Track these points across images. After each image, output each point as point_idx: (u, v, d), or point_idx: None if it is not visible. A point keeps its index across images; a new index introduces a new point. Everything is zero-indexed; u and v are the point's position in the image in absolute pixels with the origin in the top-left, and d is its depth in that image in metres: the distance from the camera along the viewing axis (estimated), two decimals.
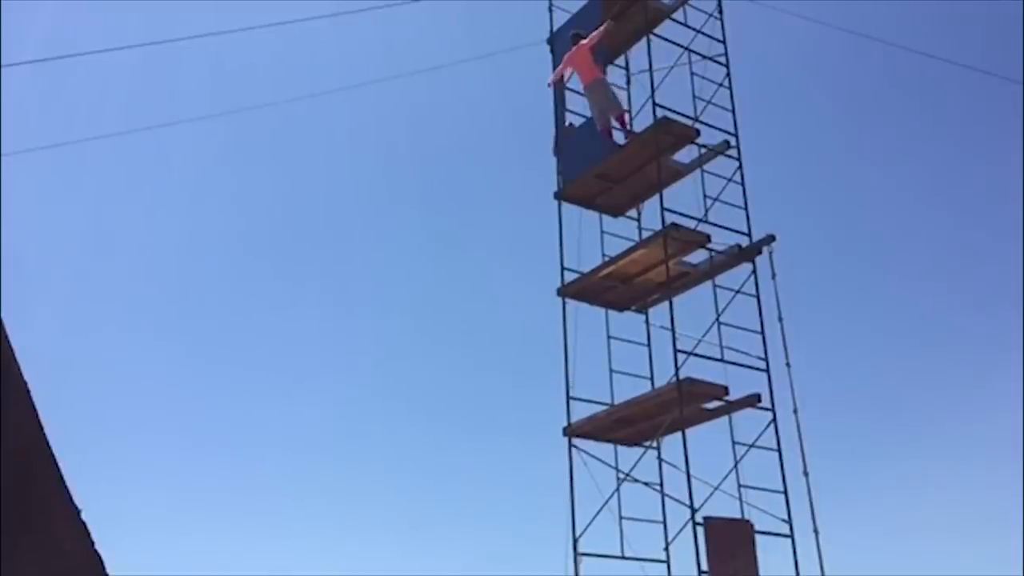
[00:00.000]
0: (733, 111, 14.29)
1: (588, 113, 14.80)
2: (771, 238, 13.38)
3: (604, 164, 14.08)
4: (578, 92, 15.24)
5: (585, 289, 14.29)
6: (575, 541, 12.82)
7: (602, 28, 13.19)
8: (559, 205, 14.70)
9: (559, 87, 13.62)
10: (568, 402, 13.68)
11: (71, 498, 4.67)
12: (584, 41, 12.85)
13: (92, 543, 4.61)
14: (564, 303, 14.20)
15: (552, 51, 15.63)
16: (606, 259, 14.24)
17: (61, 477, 4.68)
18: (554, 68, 15.46)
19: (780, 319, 12.97)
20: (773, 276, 13.19)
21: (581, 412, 13.69)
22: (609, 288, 14.30)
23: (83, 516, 4.83)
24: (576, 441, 13.54)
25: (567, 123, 15.03)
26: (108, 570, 4.85)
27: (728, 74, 14.53)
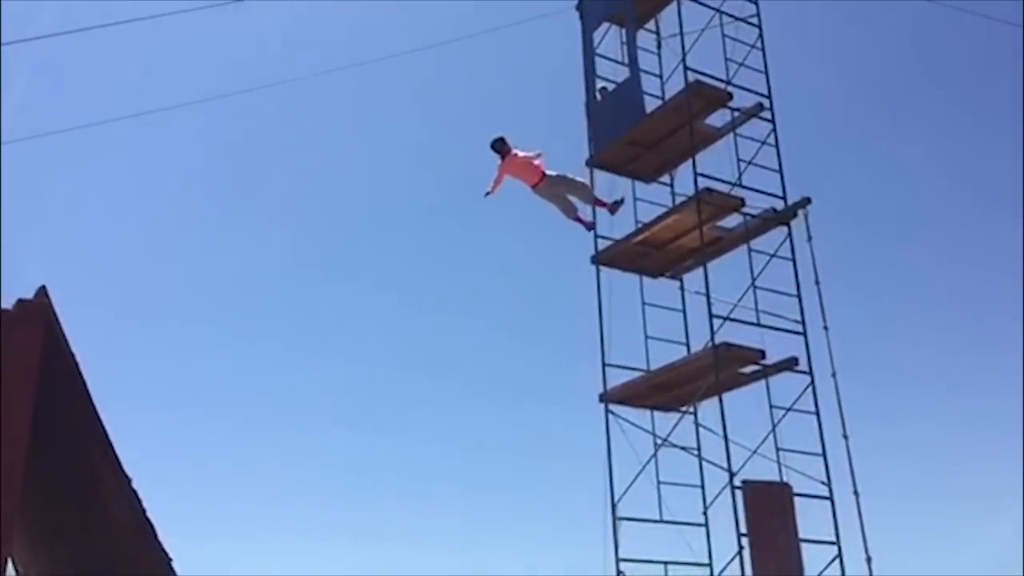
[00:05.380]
0: (766, 73, 14.12)
1: (620, 78, 14.75)
2: (806, 201, 13.26)
3: (636, 130, 14.01)
4: (607, 57, 15.18)
5: (619, 256, 14.26)
6: (613, 506, 12.91)
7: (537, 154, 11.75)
8: (591, 172, 14.65)
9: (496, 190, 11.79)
10: (604, 369, 13.71)
11: (122, 468, 4.82)
12: (519, 153, 11.40)
13: (144, 511, 4.77)
14: (598, 270, 14.19)
15: (581, 17, 15.54)
16: (639, 225, 14.19)
17: (112, 448, 4.82)
18: (583, 35, 15.39)
19: (817, 282, 12.89)
20: (809, 239, 13.10)
21: (617, 379, 13.75)
22: (643, 254, 14.27)
23: (134, 485, 4.99)
24: (613, 407, 13.59)
25: (599, 88, 14.96)
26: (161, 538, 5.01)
27: (760, 35, 14.34)
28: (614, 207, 12.25)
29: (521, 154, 11.09)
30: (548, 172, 11.13)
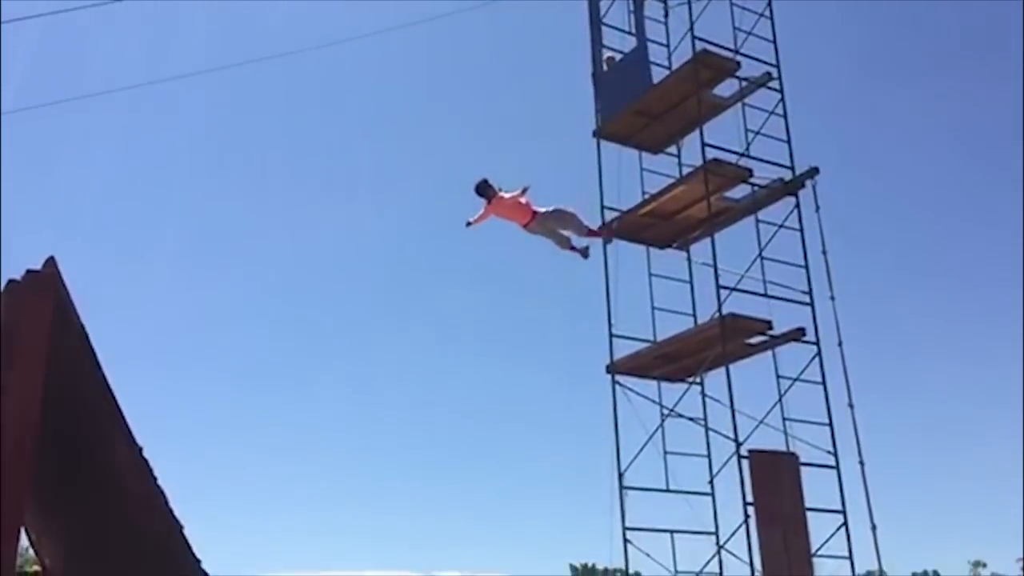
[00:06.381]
0: (774, 42, 14.01)
1: (627, 48, 14.66)
2: (814, 171, 13.19)
3: (643, 100, 13.94)
4: (614, 27, 15.07)
5: (626, 227, 14.23)
6: (620, 476, 12.99)
7: (520, 191, 11.37)
8: (598, 143, 14.59)
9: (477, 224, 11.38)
10: (611, 340, 13.75)
11: (132, 437, 4.86)
12: (504, 195, 11.02)
13: (155, 479, 4.82)
14: (604, 242, 14.16)
15: None
16: (646, 196, 14.16)
17: (122, 417, 4.87)
18: (590, 4, 15.25)
19: (824, 252, 12.86)
20: (817, 209, 13.06)
21: (624, 350, 13.78)
22: (650, 226, 14.24)
23: (144, 454, 5.03)
24: (619, 378, 13.63)
25: (605, 57, 14.87)
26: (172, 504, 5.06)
27: (769, 4, 14.19)
28: (609, 233, 12.14)
29: (507, 195, 10.82)
30: (538, 209, 10.89)
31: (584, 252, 11.67)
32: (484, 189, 10.69)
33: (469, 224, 10.77)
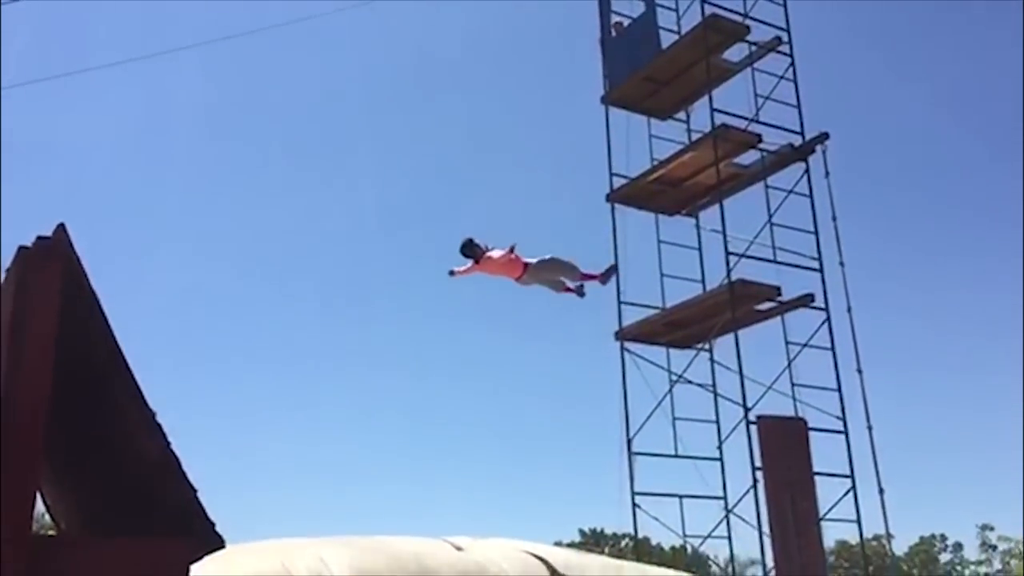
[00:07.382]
0: (784, 5, 13.88)
1: (635, 13, 14.54)
2: (824, 136, 13.13)
3: (651, 66, 13.84)
4: None
5: (634, 194, 14.20)
6: (629, 441, 13.06)
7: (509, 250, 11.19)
8: (606, 109, 14.52)
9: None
10: (619, 307, 13.76)
11: (146, 403, 4.89)
12: (492, 254, 10.88)
13: (168, 443, 4.85)
14: (613, 208, 14.14)
15: None
16: (655, 163, 14.11)
17: (135, 382, 4.90)
18: None
19: (834, 218, 12.84)
20: (826, 175, 13.01)
21: (633, 316, 13.79)
22: (658, 192, 14.20)
23: (157, 419, 5.07)
24: (628, 345, 13.66)
25: (614, 22, 14.75)
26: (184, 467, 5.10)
27: None
28: (605, 277, 12.03)
29: (496, 254, 10.68)
30: (528, 260, 10.79)
31: (579, 291, 11.70)
32: (471, 250, 10.53)
33: (452, 274, 10.63)
